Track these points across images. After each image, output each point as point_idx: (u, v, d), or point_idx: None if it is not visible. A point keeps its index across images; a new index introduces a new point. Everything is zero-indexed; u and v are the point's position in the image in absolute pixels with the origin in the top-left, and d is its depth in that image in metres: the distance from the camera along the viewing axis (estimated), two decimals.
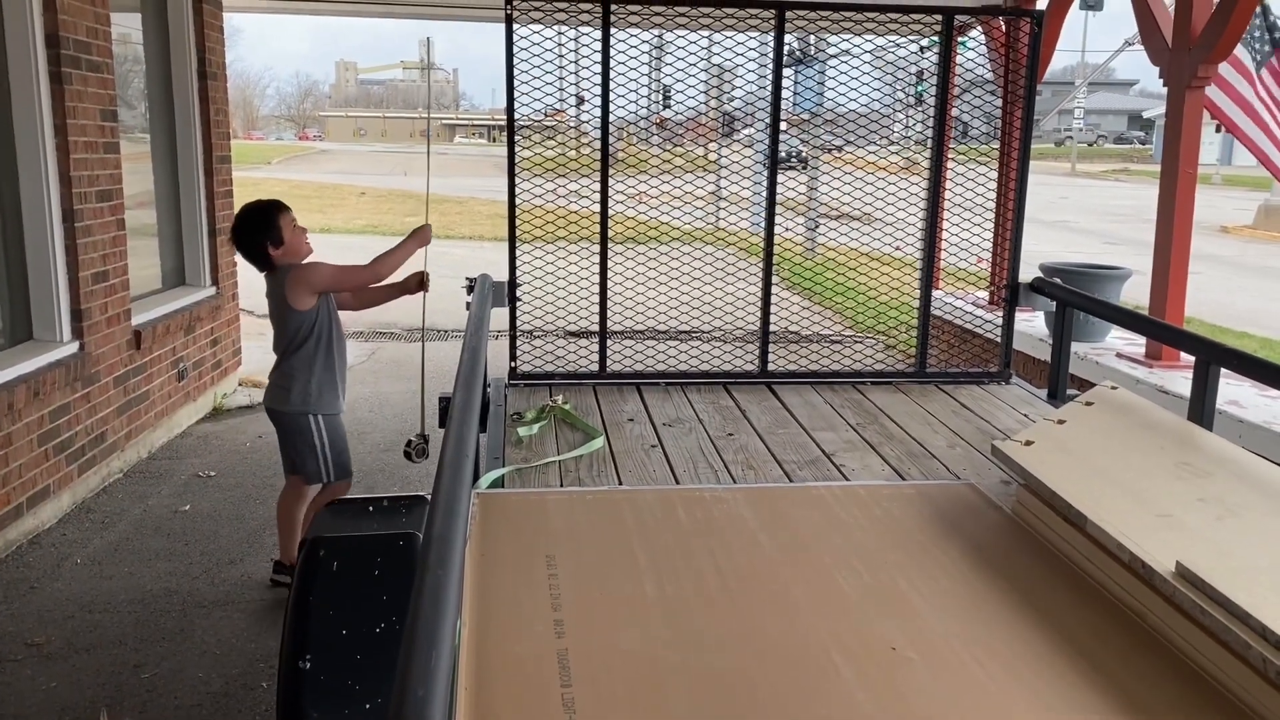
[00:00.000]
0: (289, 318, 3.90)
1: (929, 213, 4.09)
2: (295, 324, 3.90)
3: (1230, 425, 4.34)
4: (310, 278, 3.87)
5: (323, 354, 3.93)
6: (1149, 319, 4.23)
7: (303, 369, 3.91)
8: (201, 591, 4.14)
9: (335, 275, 3.91)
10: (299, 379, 3.92)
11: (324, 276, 3.89)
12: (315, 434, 3.95)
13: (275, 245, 3.85)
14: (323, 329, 3.92)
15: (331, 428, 4.00)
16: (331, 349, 3.96)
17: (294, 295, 3.85)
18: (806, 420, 3.50)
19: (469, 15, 9.29)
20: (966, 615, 1.97)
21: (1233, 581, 1.78)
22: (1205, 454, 2.47)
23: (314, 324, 3.90)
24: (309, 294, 3.86)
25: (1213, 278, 14.27)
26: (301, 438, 3.97)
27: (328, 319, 3.94)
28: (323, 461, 3.99)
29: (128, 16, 5.99)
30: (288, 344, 3.94)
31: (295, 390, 3.93)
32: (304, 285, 3.85)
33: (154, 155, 6.36)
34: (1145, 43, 5.65)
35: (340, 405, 4.06)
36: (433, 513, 1.60)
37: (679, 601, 1.99)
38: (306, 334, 3.90)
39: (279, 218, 3.87)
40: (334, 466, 4.02)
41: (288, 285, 3.86)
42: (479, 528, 2.27)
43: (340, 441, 4.04)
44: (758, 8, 3.75)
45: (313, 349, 3.91)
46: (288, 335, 3.94)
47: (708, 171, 9.48)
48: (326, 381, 3.96)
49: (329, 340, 3.95)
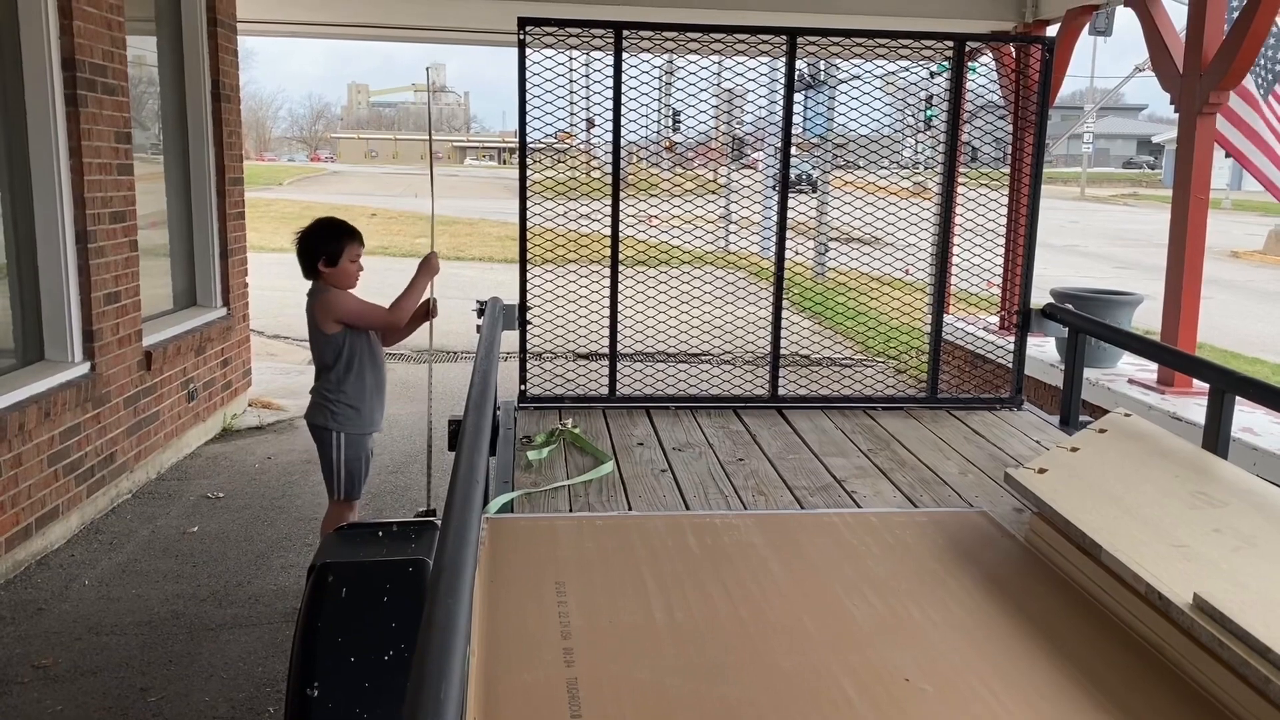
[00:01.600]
0: (321, 339, 4.02)
1: (940, 237, 4.08)
2: (324, 345, 4.02)
3: (1244, 453, 4.31)
4: (334, 307, 3.97)
5: (353, 376, 4.01)
6: (1162, 346, 4.21)
7: (333, 387, 4.02)
8: (209, 614, 4.12)
9: (357, 312, 4.01)
10: (328, 396, 4.02)
11: (346, 310, 3.99)
12: (335, 449, 4.04)
13: (328, 263, 3.96)
14: (353, 353, 4.01)
15: (351, 447, 4.05)
16: (364, 372, 4.03)
17: (320, 319, 3.98)
18: (817, 446, 3.49)
19: (482, 40, 9.38)
20: (979, 646, 1.95)
21: (1251, 614, 1.75)
22: (1221, 483, 2.45)
23: (341, 347, 3.99)
24: (331, 321, 3.98)
25: (1224, 303, 14.22)
26: (323, 450, 4.08)
27: (358, 343, 4.03)
28: (336, 478, 4.07)
29: (143, 39, 6.05)
30: (320, 362, 4.07)
31: (323, 406, 4.03)
32: (327, 312, 3.97)
33: (167, 176, 6.40)
34: (1156, 69, 5.65)
35: (367, 427, 4.10)
36: (443, 541, 1.58)
37: (689, 630, 1.98)
38: (335, 356, 4.00)
39: (345, 240, 3.99)
40: (343, 486, 4.05)
41: (316, 307, 3.98)
42: (488, 553, 2.25)
43: (356, 464, 4.07)
44: (770, 34, 3.77)
45: (342, 371, 4.00)
46: (320, 354, 4.06)
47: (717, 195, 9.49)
48: (355, 401, 4.03)
49: (360, 364, 4.03)
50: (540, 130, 3.76)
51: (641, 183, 4.85)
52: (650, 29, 3.71)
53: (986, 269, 4.20)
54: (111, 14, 5.08)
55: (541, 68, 3.67)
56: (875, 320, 4.58)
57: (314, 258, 3.96)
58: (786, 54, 3.75)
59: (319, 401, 4.05)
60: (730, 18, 6.89)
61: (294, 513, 5.30)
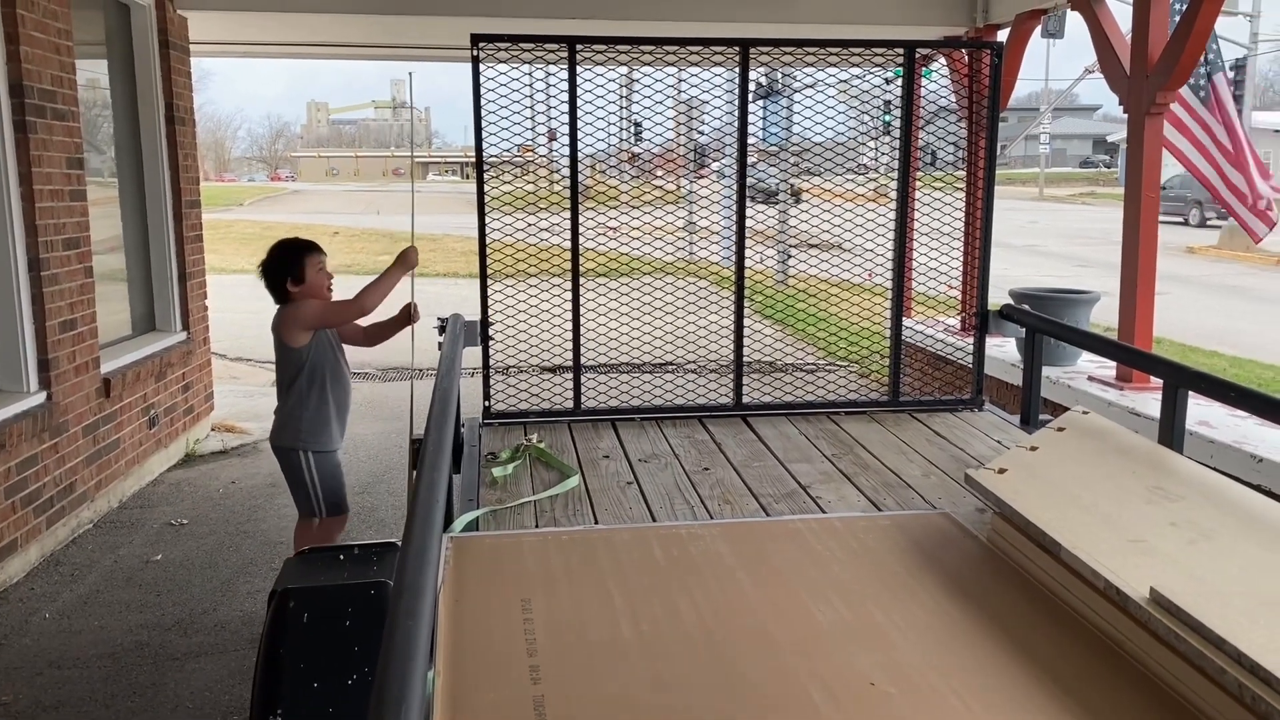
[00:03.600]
0: (285, 355, 3.96)
1: (897, 241, 4.12)
2: (289, 360, 3.96)
3: (1201, 446, 4.38)
4: (299, 315, 3.91)
5: (317, 391, 3.95)
6: (1116, 343, 4.28)
7: (297, 405, 3.95)
8: (174, 644, 4.06)
9: (322, 312, 3.93)
10: (293, 414, 3.96)
11: (311, 313, 3.92)
12: (305, 470, 3.97)
13: (295, 282, 3.92)
14: (317, 366, 3.95)
15: (323, 464, 3.99)
16: (326, 386, 3.97)
17: (286, 332, 3.91)
18: (782, 452, 3.50)
19: (441, 57, 9.34)
20: (944, 647, 1.96)
21: (1207, 606, 1.78)
22: (1176, 477, 2.49)
23: (304, 361, 3.93)
24: (299, 331, 3.91)
25: (1181, 298, 14.47)
26: (293, 473, 4.01)
27: (323, 356, 3.96)
28: (314, 497, 4.00)
29: (94, 63, 5.99)
30: (283, 380, 4.01)
31: (289, 426, 3.97)
32: (293, 322, 3.90)
33: (122, 200, 6.33)
34: (1104, 71, 5.75)
35: (335, 443, 4.06)
36: (403, 561, 1.58)
37: (656, 642, 1.97)
38: (297, 371, 3.94)
39: (305, 256, 3.95)
40: (325, 504, 4.01)
41: (281, 321, 3.92)
42: (453, 573, 2.24)
43: (331, 479, 4.02)
44: (721, 45, 3.79)
45: (305, 385, 3.94)
46: (283, 371, 4.00)
47: (680, 204, 9.53)
48: (320, 418, 3.97)
49: (324, 378, 3.97)
50: (500, 144, 3.76)
51: (604, 194, 4.86)
52: (603, 43, 3.72)
53: (946, 271, 4.24)
54: (60, 38, 5.02)
55: (498, 82, 3.67)
56: (839, 325, 4.61)
57: (280, 281, 3.93)
58: (739, 65, 3.77)
59: (282, 422, 3.98)
60: (685, 29, 6.95)
61: (260, 537, 5.23)
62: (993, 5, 7.05)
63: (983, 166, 4.11)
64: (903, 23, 7.11)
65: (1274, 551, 2.07)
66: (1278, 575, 1.98)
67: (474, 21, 6.08)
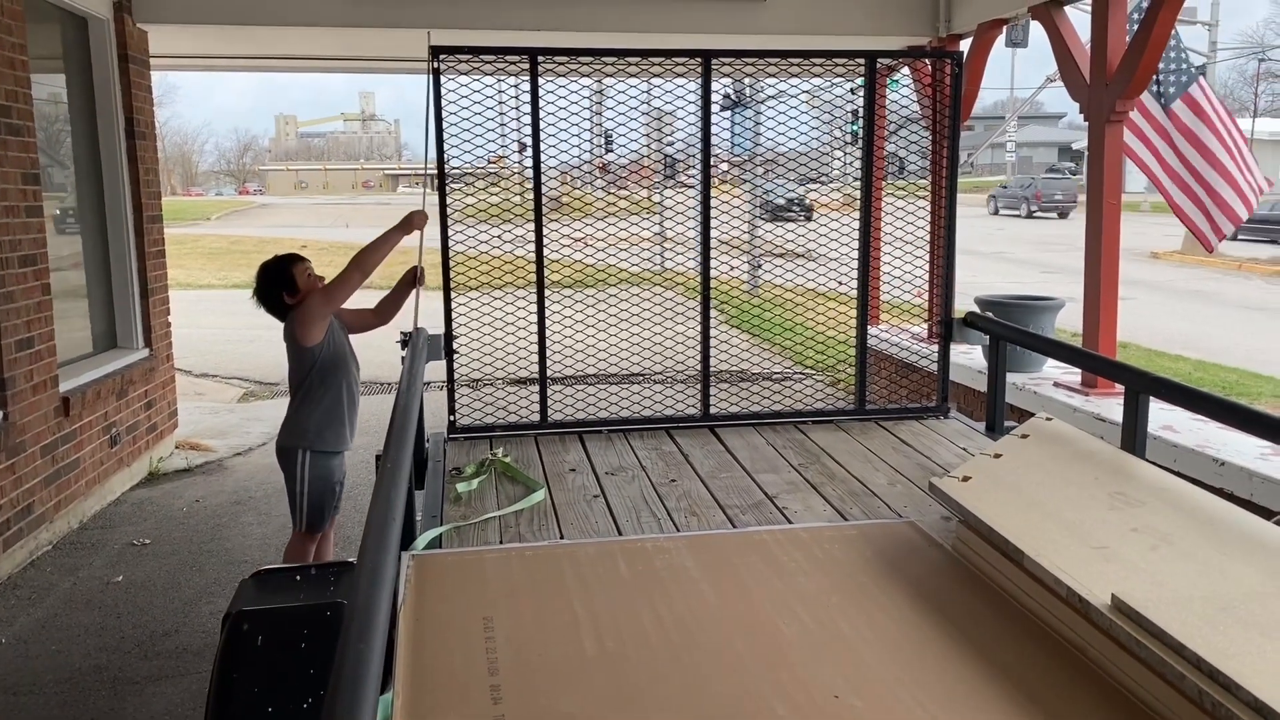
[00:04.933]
0: (299, 356, 3.91)
1: (861, 249, 4.13)
2: (302, 361, 3.91)
3: (1165, 450, 4.41)
4: (307, 310, 3.85)
5: (330, 388, 3.91)
6: (1078, 350, 4.30)
7: (306, 403, 3.92)
8: (134, 667, 3.98)
9: (324, 295, 3.88)
10: (300, 413, 3.93)
11: (315, 305, 3.87)
12: (300, 469, 3.91)
13: (291, 294, 3.89)
14: (329, 363, 3.92)
15: (317, 467, 3.91)
16: (339, 383, 3.93)
17: (300, 331, 3.86)
18: (749, 463, 3.49)
19: (407, 69, 9.29)
20: (908, 657, 1.95)
21: (1167, 612, 1.78)
22: (1138, 483, 2.50)
23: (318, 358, 3.89)
24: (312, 326, 3.84)
25: (1147, 303, 14.66)
26: (288, 473, 3.95)
27: (336, 353, 3.93)
28: (299, 504, 3.93)
29: (52, 77, 5.90)
30: (296, 383, 3.96)
31: (294, 425, 3.94)
32: (304, 320, 3.85)
33: (82, 216, 6.23)
34: (1065, 80, 5.81)
35: (344, 443, 4.00)
36: (357, 583, 1.54)
37: (620, 658, 1.95)
38: (309, 369, 3.90)
39: (291, 268, 3.92)
40: (305, 514, 3.93)
41: (295, 326, 3.87)
42: (414, 591, 2.20)
43: (321, 489, 3.92)
44: (684, 56, 3.79)
45: (317, 382, 3.90)
46: (296, 374, 3.95)
47: (651, 214, 9.52)
48: (333, 416, 3.93)
49: (336, 374, 3.93)
50: (467, 155, 3.74)
51: (575, 204, 4.84)
52: (565, 54, 3.71)
53: (914, 279, 4.26)
54: (14, 53, 4.94)
55: (469, 91, 3.65)
56: (809, 333, 4.61)
57: (276, 298, 3.91)
58: (702, 75, 3.77)
59: (289, 421, 3.94)
60: (651, 40, 6.95)
61: (223, 556, 5.15)
62: (955, 15, 7.11)
63: (946, 175, 4.13)
64: (867, 33, 7.16)
65: (1233, 556, 2.08)
66: (1236, 580, 1.99)
67: (439, 34, 6.05)
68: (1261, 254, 21.88)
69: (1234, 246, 21.51)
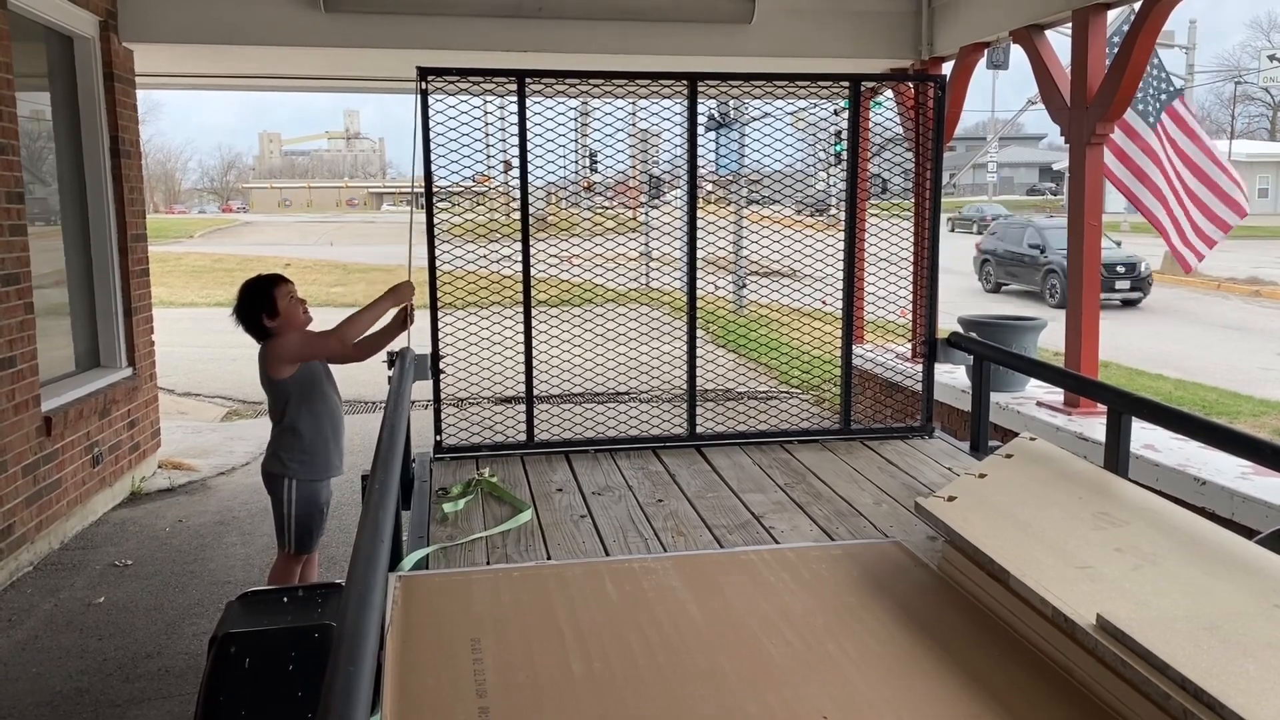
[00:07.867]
0: (273, 388, 3.93)
1: (845, 269, 4.16)
2: (277, 393, 3.93)
3: (1147, 470, 4.45)
4: (281, 349, 3.87)
5: (309, 417, 3.91)
6: (1060, 370, 4.35)
7: (288, 434, 3.92)
8: (115, 690, 3.94)
9: (302, 346, 3.90)
10: (283, 443, 3.93)
11: (292, 347, 3.88)
12: (286, 495, 3.92)
13: (270, 316, 3.88)
14: (304, 392, 3.91)
15: (304, 494, 3.92)
16: (317, 411, 3.93)
17: (271, 367, 3.88)
18: (736, 482, 3.50)
19: (393, 89, 9.32)
20: (895, 678, 1.96)
21: (1151, 632, 1.80)
22: (1121, 503, 2.52)
23: (292, 391, 3.89)
24: (283, 365, 3.87)
25: (1128, 322, 14.78)
26: (275, 497, 3.96)
27: (310, 382, 3.92)
28: (286, 528, 3.94)
29: (36, 95, 5.89)
30: (274, 412, 3.97)
31: (278, 454, 3.93)
32: (275, 358, 3.87)
33: (65, 234, 6.21)
34: (1045, 102, 5.88)
35: (333, 470, 4.01)
36: (345, 605, 1.54)
37: (607, 680, 1.95)
38: (286, 400, 3.90)
39: (274, 289, 3.90)
40: (293, 538, 3.94)
41: (268, 357, 3.88)
42: (400, 613, 2.20)
43: (308, 514, 3.94)
44: (669, 79, 3.83)
45: (295, 413, 3.90)
46: (274, 403, 3.96)
47: (637, 233, 9.56)
48: (317, 444, 3.93)
49: (313, 403, 3.92)
50: (454, 174, 3.75)
51: (562, 222, 4.86)
52: (553, 76, 3.73)
53: (901, 298, 4.29)
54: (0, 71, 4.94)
55: (457, 110, 3.66)
56: (794, 352, 4.63)
57: (255, 319, 3.89)
58: (688, 97, 3.81)
59: (273, 450, 3.95)
60: (638, 63, 7.00)
61: (207, 577, 5.11)
62: (937, 38, 7.20)
63: (929, 196, 4.17)
64: (851, 55, 7.23)
65: (1216, 576, 2.10)
66: (1220, 600, 2.01)
67: (424, 54, 6.08)
68: (1240, 273, 22.11)
69: (1213, 264, 21.71)
